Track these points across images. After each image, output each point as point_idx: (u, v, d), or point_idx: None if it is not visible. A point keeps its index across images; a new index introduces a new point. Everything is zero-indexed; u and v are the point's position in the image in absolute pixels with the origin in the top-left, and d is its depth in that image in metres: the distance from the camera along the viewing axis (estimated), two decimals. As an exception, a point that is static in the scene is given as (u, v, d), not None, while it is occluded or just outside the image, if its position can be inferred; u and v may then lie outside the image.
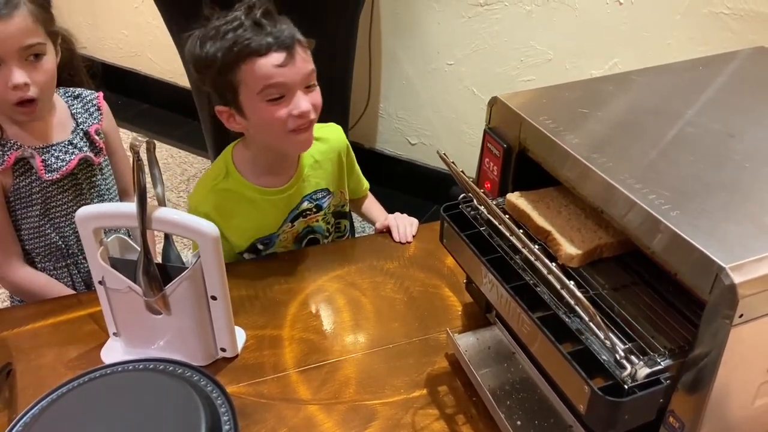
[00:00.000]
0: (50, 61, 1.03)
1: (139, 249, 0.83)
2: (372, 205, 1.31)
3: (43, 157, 1.07)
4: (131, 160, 0.78)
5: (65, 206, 1.13)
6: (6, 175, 1.06)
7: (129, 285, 0.84)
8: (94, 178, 1.16)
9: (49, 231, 1.13)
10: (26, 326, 0.97)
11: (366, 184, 1.30)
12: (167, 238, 0.89)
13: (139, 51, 2.87)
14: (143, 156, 0.78)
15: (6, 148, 1.04)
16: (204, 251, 0.81)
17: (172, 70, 2.79)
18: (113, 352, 0.92)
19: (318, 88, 1.03)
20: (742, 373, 0.58)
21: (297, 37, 0.98)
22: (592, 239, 0.73)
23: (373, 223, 1.27)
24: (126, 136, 1.24)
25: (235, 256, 1.14)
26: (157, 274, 0.83)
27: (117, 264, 0.86)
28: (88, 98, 1.17)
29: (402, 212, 1.23)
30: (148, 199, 0.80)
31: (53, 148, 1.09)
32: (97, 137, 1.15)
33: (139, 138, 0.77)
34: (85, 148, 1.13)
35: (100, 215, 0.84)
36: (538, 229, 0.76)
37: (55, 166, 1.08)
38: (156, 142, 0.83)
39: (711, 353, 0.56)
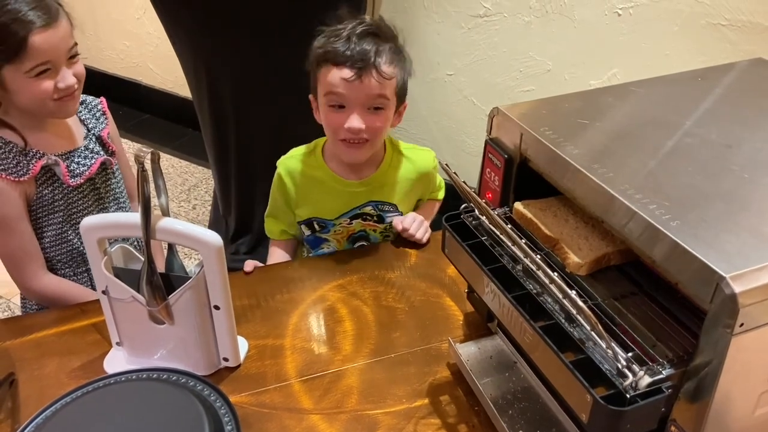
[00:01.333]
0: (80, 58, 1.07)
1: (142, 259, 0.84)
2: (421, 207, 1.27)
3: (66, 163, 1.09)
4: (136, 170, 0.79)
5: (86, 211, 1.15)
6: (29, 184, 1.07)
7: (132, 294, 0.84)
8: (110, 182, 1.18)
9: (71, 237, 1.14)
10: (29, 336, 0.97)
11: (437, 194, 1.28)
12: (171, 248, 0.89)
13: (140, 61, 2.89)
14: (147, 167, 0.79)
15: (29, 157, 1.06)
16: (207, 261, 0.82)
17: (173, 81, 2.80)
18: (116, 361, 0.92)
19: (384, 115, 1.07)
20: (743, 382, 0.58)
21: (375, 62, 1.02)
22: (600, 247, 0.73)
23: None
24: (128, 147, 1.26)
25: (293, 226, 1.21)
26: (161, 283, 0.83)
27: (120, 274, 0.86)
28: (92, 104, 1.19)
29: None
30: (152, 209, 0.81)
31: (73, 154, 1.11)
32: (109, 141, 1.18)
33: (144, 149, 0.78)
34: (101, 152, 1.15)
35: (105, 225, 0.85)
36: (546, 237, 0.76)
37: (77, 171, 1.11)
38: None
39: (712, 362, 0.56)
